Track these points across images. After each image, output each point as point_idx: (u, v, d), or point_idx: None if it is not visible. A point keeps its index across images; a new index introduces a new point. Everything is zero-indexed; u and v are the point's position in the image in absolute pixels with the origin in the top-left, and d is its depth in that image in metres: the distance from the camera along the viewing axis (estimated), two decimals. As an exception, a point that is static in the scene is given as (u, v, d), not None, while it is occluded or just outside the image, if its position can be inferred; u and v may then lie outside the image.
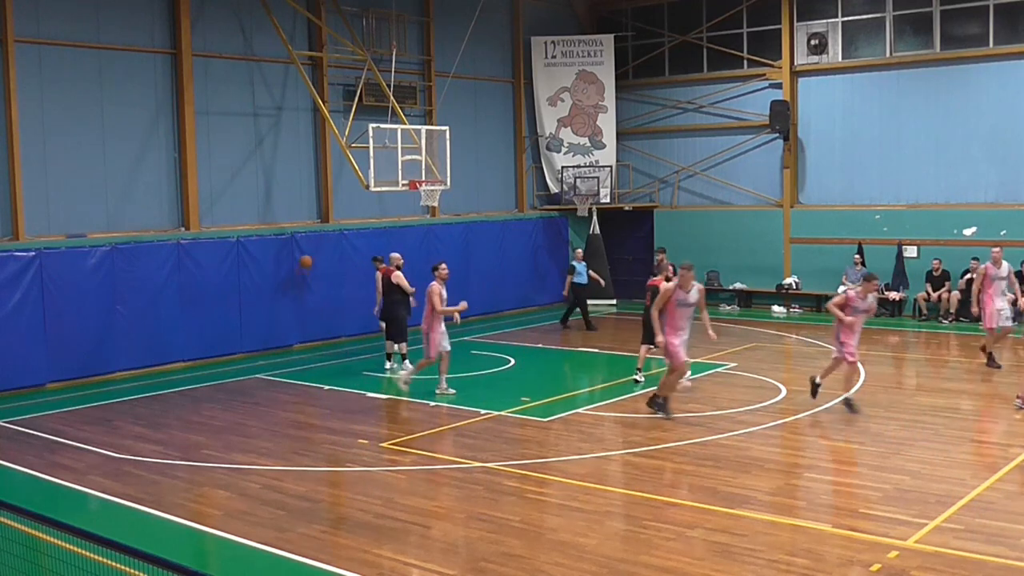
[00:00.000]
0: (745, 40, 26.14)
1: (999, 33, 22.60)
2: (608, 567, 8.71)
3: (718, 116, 26.67)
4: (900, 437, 13.12)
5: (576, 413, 14.58)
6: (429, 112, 24.06)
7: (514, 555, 9.05)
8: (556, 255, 27.20)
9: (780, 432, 13.45)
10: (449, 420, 14.23)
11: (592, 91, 27.54)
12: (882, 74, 24.24)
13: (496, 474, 11.58)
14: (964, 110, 23.06)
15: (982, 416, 14.31)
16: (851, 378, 14.59)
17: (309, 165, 21.93)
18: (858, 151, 24.50)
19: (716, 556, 8.89)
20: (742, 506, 10.26)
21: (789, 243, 25.39)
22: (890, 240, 23.61)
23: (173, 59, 19.34)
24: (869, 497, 10.43)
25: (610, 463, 12.26)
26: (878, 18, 24.18)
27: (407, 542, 9.48)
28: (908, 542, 9.08)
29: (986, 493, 10.49)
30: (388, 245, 22.41)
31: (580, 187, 26.79)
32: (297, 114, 21.60)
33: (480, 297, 24.65)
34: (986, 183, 22.83)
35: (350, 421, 14.34)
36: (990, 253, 17.68)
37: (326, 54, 21.63)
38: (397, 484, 11.32)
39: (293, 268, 20.57)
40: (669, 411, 14.04)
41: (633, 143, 27.99)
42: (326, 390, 16.64)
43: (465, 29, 25.05)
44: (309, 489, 11.27)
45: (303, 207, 21.82)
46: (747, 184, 26.13)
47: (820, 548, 9.07)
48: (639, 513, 10.17)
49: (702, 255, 25.64)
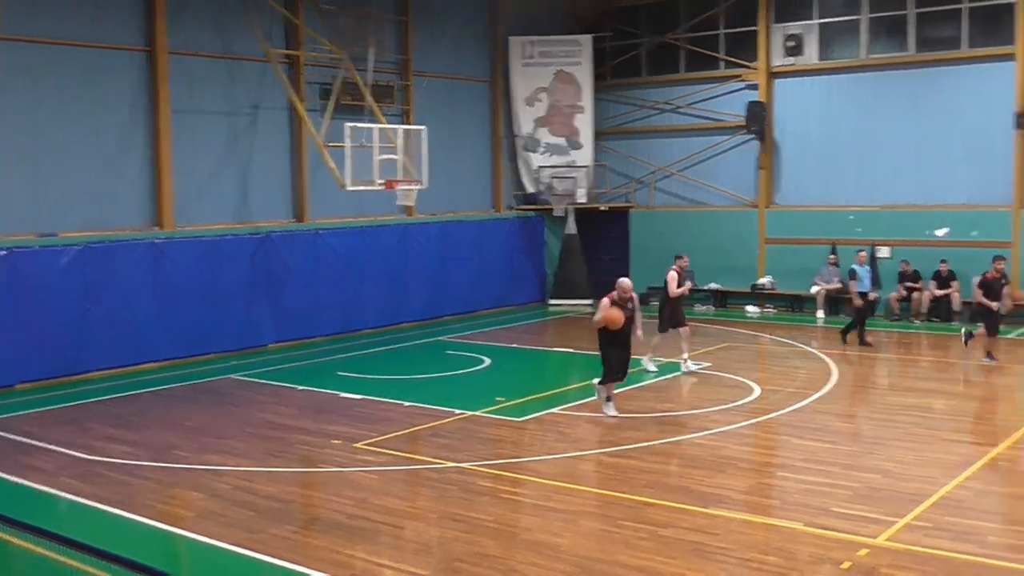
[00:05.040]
0: (722, 41, 26.23)
1: (973, 36, 22.78)
2: (582, 567, 8.72)
3: (695, 117, 26.75)
4: (872, 436, 13.22)
5: (551, 413, 14.58)
6: (406, 111, 24.01)
7: (488, 555, 9.04)
8: (532, 255, 27.22)
9: (754, 431, 13.51)
10: (423, 420, 14.20)
11: (570, 91, 27.56)
12: (857, 76, 24.38)
13: (470, 474, 11.57)
14: (938, 112, 23.21)
15: (953, 415, 14.39)
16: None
17: (285, 164, 21.85)
18: (833, 152, 24.63)
19: (690, 555, 8.92)
20: (716, 505, 10.29)
21: (764, 243, 25.49)
22: (864, 241, 23.72)
23: (149, 57, 19.21)
24: (841, 496, 10.48)
25: (584, 463, 12.27)
26: (853, 20, 24.31)
27: (380, 542, 9.46)
28: (878, 540, 9.13)
29: (955, 491, 10.57)
30: (364, 245, 22.44)
31: (557, 187, 26.80)
32: (273, 113, 21.51)
33: (456, 297, 24.71)
34: (959, 184, 22.98)
35: (324, 421, 14.29)
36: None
37: (303, 53, 21.54)
38: (370, 484, 11.29)
39: (269, 268, 20.49)
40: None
41: (610, 143, 28.04)
42: (300, 390, 16.59)
43: (443, 28, 25.11)
44: (281, 490, 11.23)
45: (279, 206, 21.73)
46: (723, 185, 26.22)
47: (792, 547, 9.11)
48: (613, 513, 10.19)
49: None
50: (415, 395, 15.75)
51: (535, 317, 25.11)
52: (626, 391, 15.65)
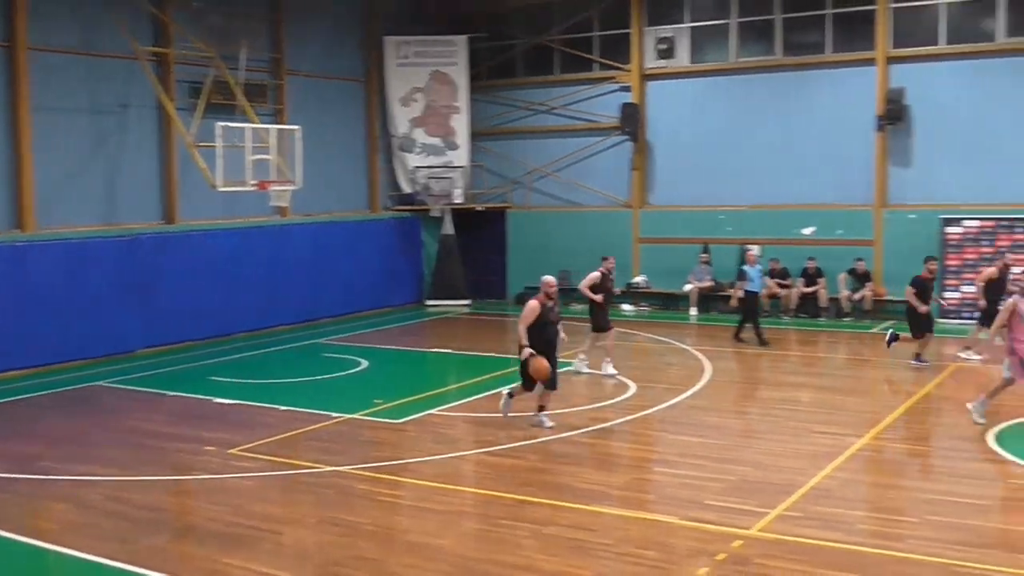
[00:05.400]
0: (596, 44, 26.55)
1: (836, 41, 23.58)
2: (462, 567, 8.71)
3: (570, 118, 27.02)
4: (745, 430, 13.58)
5: (430, 414, 14.53)
6: (280, 111, 23.64)
7: (367, 558, 8.97)
8: (409, 256, 27.09)
9: (630, 428, 13.71)
10: (300, 424, 13.99)
11: (446, 92, 27.53)
12: (727, 79, 24.98)
13: (348, 477, 11.45)
14: (804, 114, 23.95)
15: (821, 408, 14.85)
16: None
17: (154, 164, 21.27)
18: (704, 153, 25.16)
19: (569, 552, 8.99)
20: (594, 502, 10.40)
21: (638, 243, 25.90)
22: (734, 240, 24.35)
23: (7, 52, 18.48)
24: (715, 488, 10.72)
25: (464, 463, 12.27)
26: (723, 24, 24.90)
27: (257, 549, 9.28)
28: (751, 531, 9.37)
29: (824, 481, 10.92)
30: (237, 246, 22.00)
31: (433, 187, 26.75)
32: (142, 111, 20.91)
33: (333, 299, 24.42)
34: (824, 185, 23.72)
35: (197, 427, 13.96)
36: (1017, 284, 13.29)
37: (173, 50, 21.00)
38: (246, 491, 11.07)
39: (137, 270, 19.91)
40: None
41: (487, 144, 28.11)
42: (172, 396, 16.17)
43: (317, 27, 24.82)
44: (155, 499, 10.93)
45: (148, 208, 21.15)
46: (598, 185, 26.54)
47: (669, 540, 9.28)
48: (493, 512, 10.21)
49: (554, 255, 25.94)
50: (291, 399, 15.51)
51: (412, 318, 25.01)
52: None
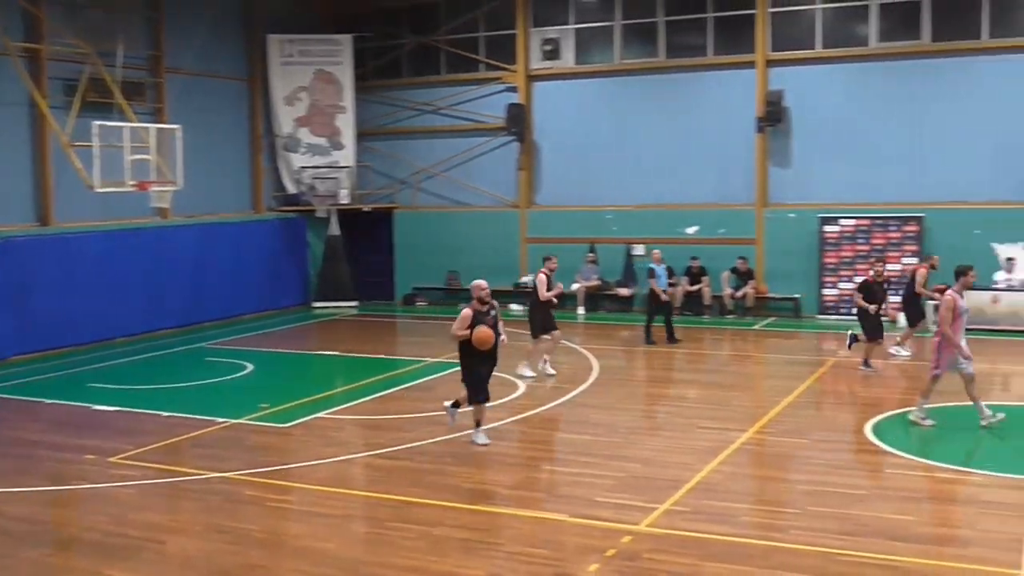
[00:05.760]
0: (482, 44, 26.60)
1: (718, 44, 24.08)
2: (351, 570, 8.63)
3: (456, 118, 27.01)
4: (632, 426, 13.74)
5: (318, 417, 14.35)
6: (159, 110, 23.08)
7: (256, 565, 8.81)
8: (295, 257, 26.72)
9: (519, 427, 13.75)
10: (184, 430, 13.67)
11: (330, 91, 27.25)
12: (612, 80, 25.28)
13: (235, 484, 11.23)
14: (687, 115, 24.39)
15: (706, 404, 15.13)
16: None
17: (26, 164, 20.55)
18: (590, 154, 25.43)
19: (459, 552, 8.98)
20: (484, 501, 10.42)
21: (525, 242, 26.03)
22: (620, 239, 24.66)
23: None
24: (604, 485, 10.83)
25: (352, 466, 12.15)
26: (607, 26, 25.20)
27: (140, 559, 9.04)
28: (640, 526, 9.49)
29: (710, 476, 11.13)
30: (117, 249, 21.40)
31: (319, 188, 26.47)
32: (12, 109, 20.18)
33: (216, 301, 23.94)
34: (707, 185, 24.21)
35: (75, 436, 13.52)
36: (959, 277, 12.97)
37: (45, 46, 20.33)
38: (128, 500, 10.77)
39: (9, 275, 19.19)
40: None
41: (373, 144, 27.91)
42: (48, 404, 15.64)
43: (198, 24, 24.28)
44: (32, 510, 10.56)
45: (20, 209, 20.42)
46: (485, 185, 26.59)
47: (559, 538, 9.34)
48: (382, 515, 10.13)
49: (443, 255, 25.95)
50: (175, 404, 15.15)
51: (299, 320, 24.69)
52: (394, 392, 15.66)
